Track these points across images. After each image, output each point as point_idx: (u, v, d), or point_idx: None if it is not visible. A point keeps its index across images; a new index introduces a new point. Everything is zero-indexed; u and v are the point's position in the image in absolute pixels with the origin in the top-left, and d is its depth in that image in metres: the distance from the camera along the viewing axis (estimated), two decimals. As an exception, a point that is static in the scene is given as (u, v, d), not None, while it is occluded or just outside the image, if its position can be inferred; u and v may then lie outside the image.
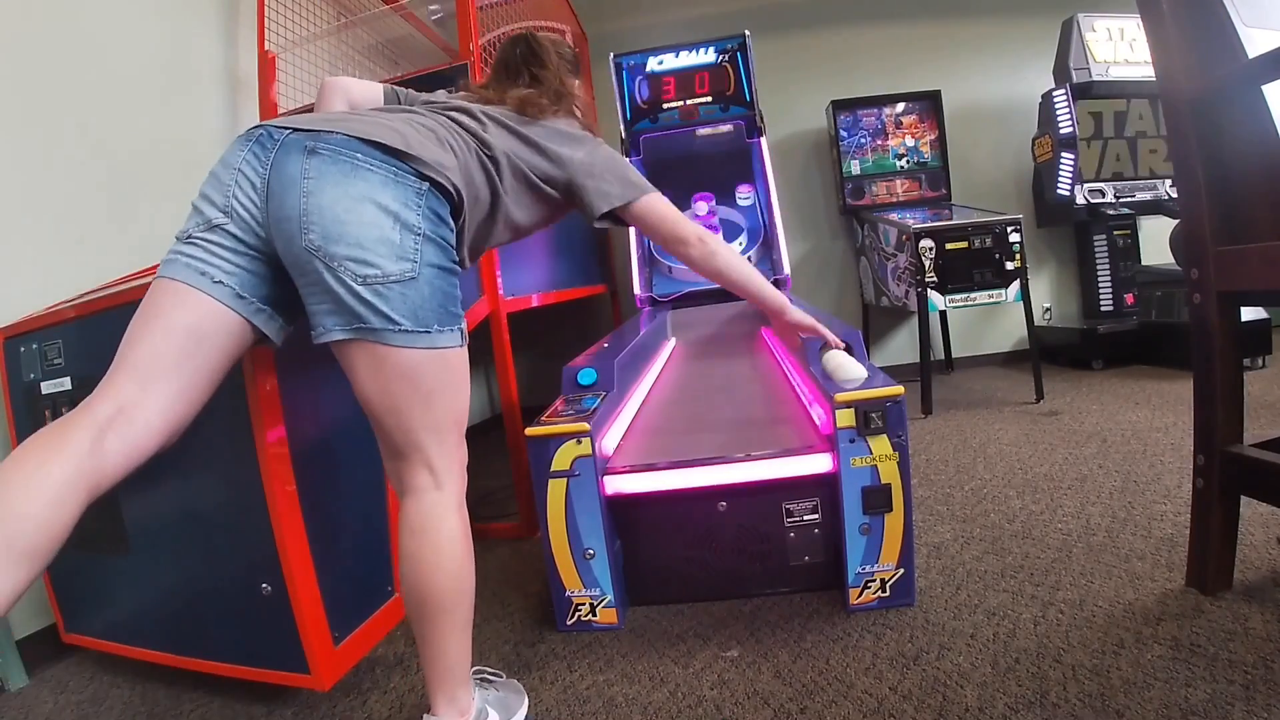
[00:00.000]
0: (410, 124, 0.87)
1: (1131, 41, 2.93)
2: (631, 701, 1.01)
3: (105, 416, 0.73)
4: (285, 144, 0.79)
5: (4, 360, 1.27)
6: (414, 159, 0.81)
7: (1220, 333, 1.04)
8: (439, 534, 0.84)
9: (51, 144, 1.53)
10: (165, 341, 0.77)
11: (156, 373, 0.76)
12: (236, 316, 0.81)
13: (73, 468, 0.69)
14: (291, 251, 0.77)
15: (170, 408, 0.77)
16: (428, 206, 0.81)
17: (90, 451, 0.70)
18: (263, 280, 0.82)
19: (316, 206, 0.76)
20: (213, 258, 0.79)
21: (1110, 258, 3.14)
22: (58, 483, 0.67)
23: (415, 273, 0.79)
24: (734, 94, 2.92)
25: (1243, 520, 1.10)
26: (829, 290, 3.54)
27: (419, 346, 0.80)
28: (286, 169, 0.78)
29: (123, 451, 0.73)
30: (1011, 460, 1.90)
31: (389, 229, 0.78)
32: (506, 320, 1.78)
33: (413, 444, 0.84)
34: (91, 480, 0.70)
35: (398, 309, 0.78)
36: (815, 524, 1.24)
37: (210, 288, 0.79)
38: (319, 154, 0.78)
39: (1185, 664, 0.91)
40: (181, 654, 1.13)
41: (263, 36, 2.13)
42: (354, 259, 0.76)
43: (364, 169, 0.78)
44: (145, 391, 0.75)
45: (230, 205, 0.79)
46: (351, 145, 0.79)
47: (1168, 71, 1.05)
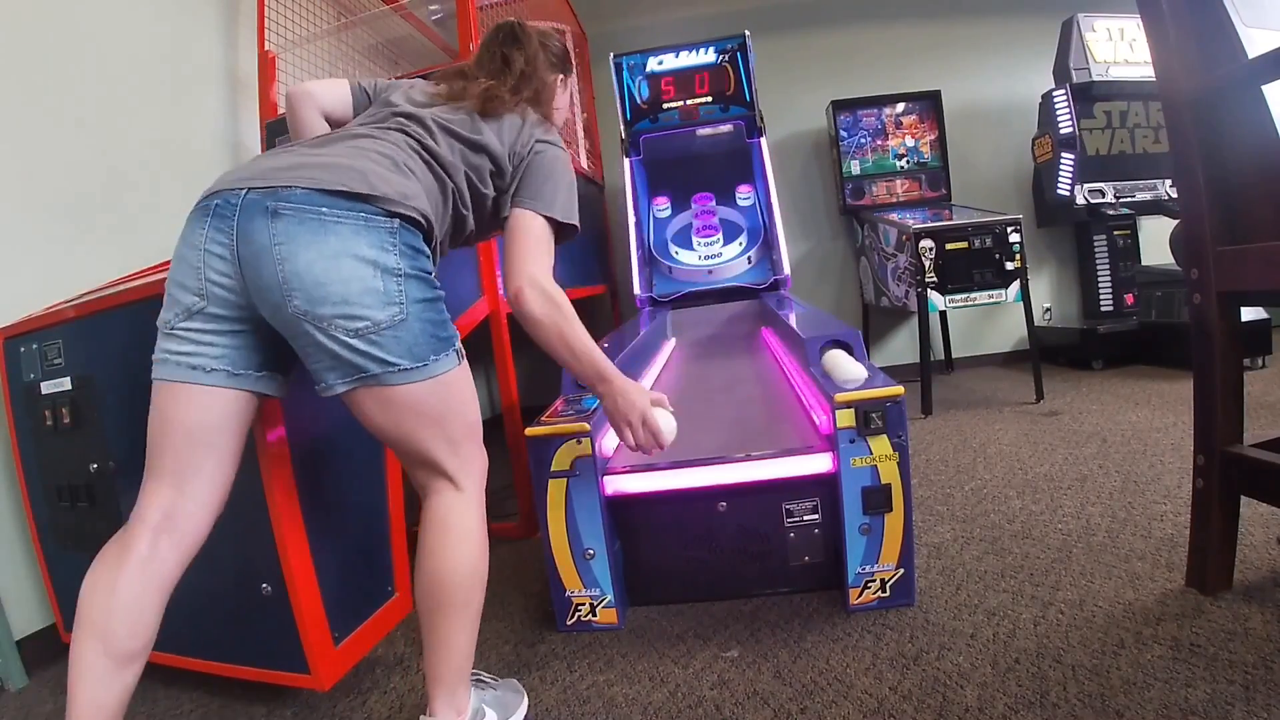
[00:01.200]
0: (366, 155, 0.85)
1: (1131, 41, 2.93)
2: (631, 701, 1.01)
3: (154, 523, 0.79)
4: (245, 208, 0.76)
5: (4, 360, 1.27)
6: (380, 199, 0.79)
7: (1220, 333, 1.04)
8: (459, 529, 0.87)
9: (51, 144, 1.53)
10: (184, 443, 0.80)
11: (187, 472, 0.80)
12: (237, 393, 0.82)
13: (140, 574, 0.76)
14: (280, 319, 0.78)
15: (209, 494, 0.82)
16: (403, 244, 0.81)
17: (151, 556, 0.77)
18: (253, 350, 0.82)
19: (294, 272, 0.74)
20: (199, 347, 0.79)
21: (1110, 258, 3.14)
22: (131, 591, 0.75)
23: (404, 314, 0.79)
24: (734, 94, 2.92)
25: (1243, 520, 1.10)
26: (829, 290, 3.54)
27: (419, 380, 0.82)
28: (254, 238, 0.75)
29: (178, 547, 0.80)
30: (1011, 460, 1.90)
31: (371, 279, 0.77)
32: (506, 320, 1.78)
33: (431, 459, 0.87)
34: (159, 581, 0.78)
35: (393, 352, 0.79)
36: (815, 524, 1.24)
37: (204, 379, 0.79)
38: (283, 215, 0.75)
39: (1185, 664, 0.91)
40: (181, 654, 1.13)
41: (263, 36, 2.13)
42: (342, 315, 0.76)
43: (332, 223, 0.76)
44: (183, 493, 0.80)
45: (204, 289, 0.78)
46: (312, 200, 0.76)
47: (1168, 71, 1.05)
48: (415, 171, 0.88)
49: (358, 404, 0.82)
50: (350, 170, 0.80)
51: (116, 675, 0.73)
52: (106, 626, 0.73)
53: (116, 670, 0.73)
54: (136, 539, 0.77)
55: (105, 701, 0.73)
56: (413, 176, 0.87)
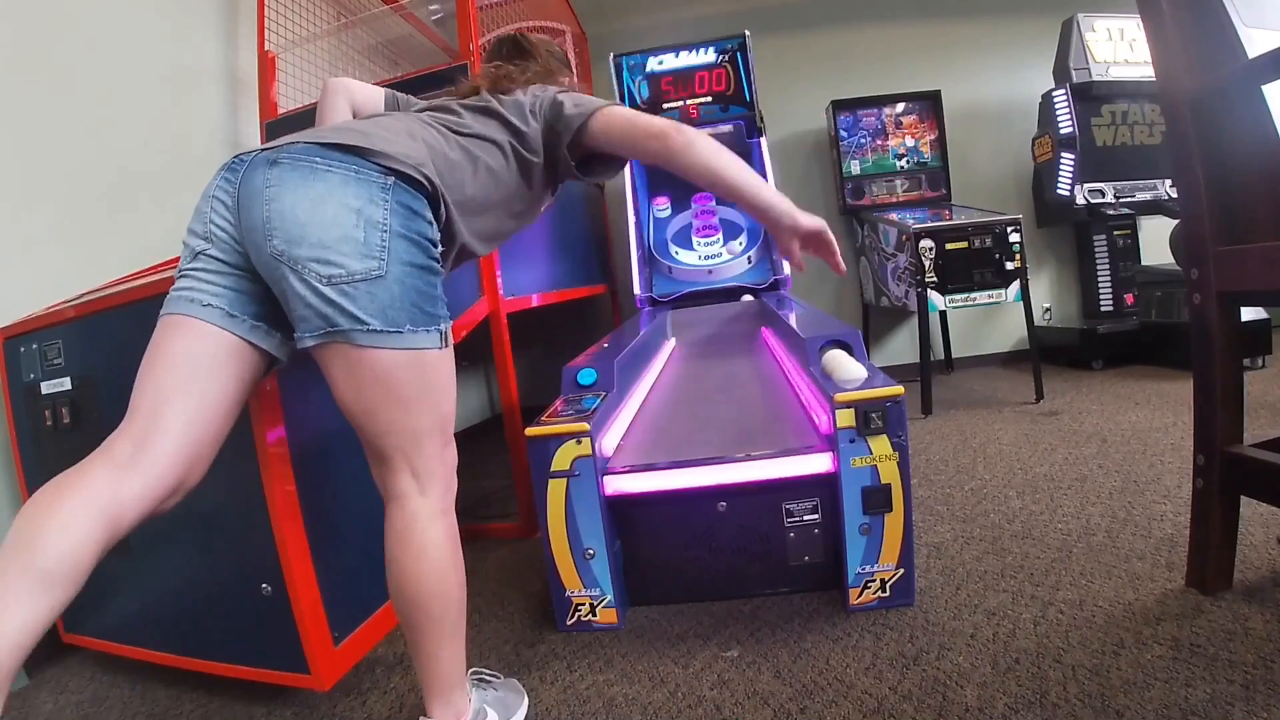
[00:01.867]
0: (379, 125, 0.86)
1: (1131, 41, 2.93)
2: (631, 701, 1.01)
3: (122, 454, 0.73)
4: (253, 162, 0.80)
5: (4, 360, 1.27)
6: (376, 154, 0.80)
7: (1220, 333, 1.04)
8: (423, 541, 0.82)
9: (52, 143, 1.53)
10: (167, 372, 0.78)
11: (165, 403, 0.76)
12: (231, 335, 0.81)
13: (92, 505, 0.69)
14: (262, 261, 0.78)
15: (184, 434, 0.76)
16: (395, 201, 0.79)
17: (108, 487, 0.71)
18: (252, 298, 0.82)
19: (278, 211, 0.75)
20: (200, 284, 0.80)
21: (1110, 258, 3.14)
22: (76, 519, 0.67)
23: (382, 270, 0.77)
24: (734, 94, 2.92)
25: (1243, 520, 1.10)
26: (829, 290, 3.54)
27: (390, 347, 0.78)
28: (252, 183, 0.78)
29: (142, 485, 0.73)
30: (1011, 460, 1.90)
31: (351, 227, 0.76)
32: (506, 320, 1.79)
33: (393, 449, 0.82)
34: (111, 516, 0.70)
35: (364, 308, 0.76)
36: (815, 524, 1.24)
37: (200, 311, 0.79)
38: (280, 164, 0.78)
39: (1185, 664, 0.91)
40: (181, 654, 1.13)
41: (263, 36, 2.13)
42: (317, 259, 0.75)
43: (322, 170, 0.78)
44: (157, 423, 0.75)
45: (209, 231, 0.81)
46: (311, 151, 0.79)
47: (1168, 71, 1.05)
48: (426, 140, 0.88)
49: (327, 366, 0.80)
50: (354, 132, 0.82)
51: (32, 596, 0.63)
52: (36, 542, 0.65)
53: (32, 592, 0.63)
54: (94, 469, 0.71)
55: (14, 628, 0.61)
56: (420, 141, 0.87)
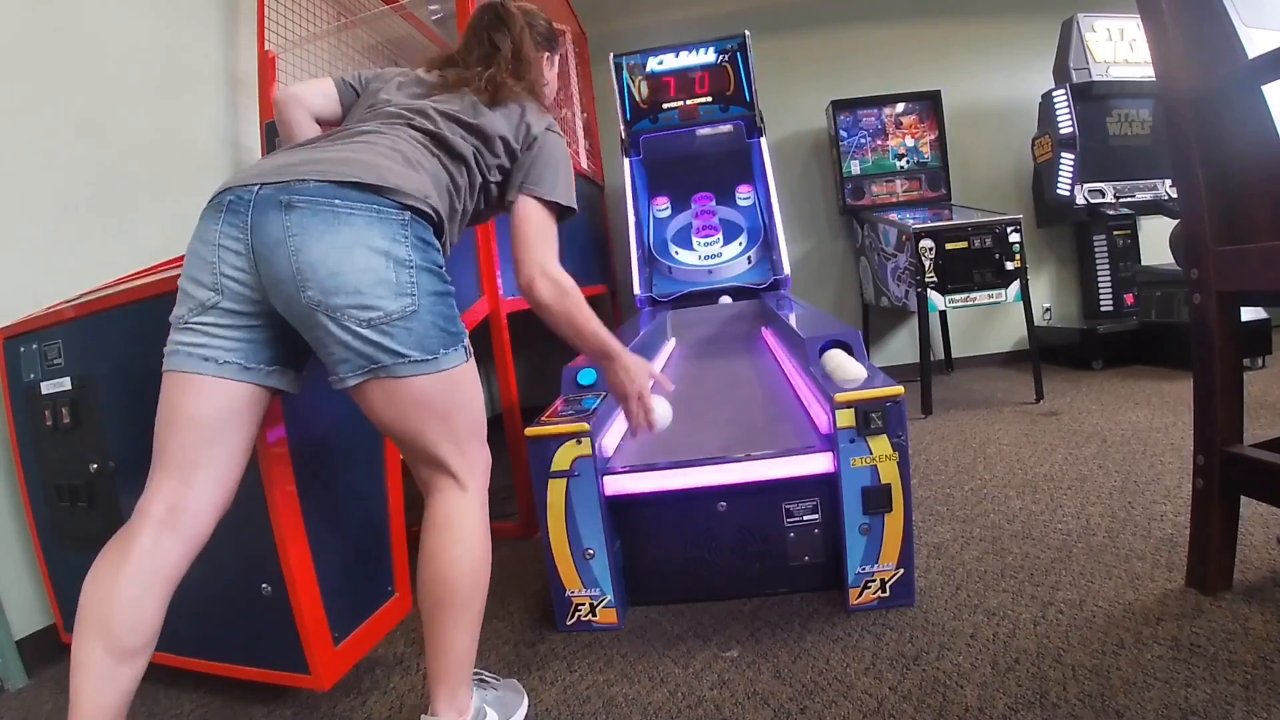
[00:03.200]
0: (376, 149, 0.85)
1: (1131, 41, 2.93)
2: (631, 701, 1.01)
3: (158, 517, 0.78)
4: (259, 203, 0.77)
5: (4, 360, 1.27)
6: (391, 191, 0.80)
7: (1220, 333, 1.04)
8: (462, 529, 0.86)
9: (52, 143, 1.53)
10: (191, 436, 0.80)
11: (193, 465, 0.80)
12: (248, 386, 0.82)
13: (148, 573, 0.76)
14: (293, 311, 0.78)
15: (215, 489, 0.81)
16: (414, 236, 0.81)
17: (154, 550, 0.77)
18: (265, 344, 0.83)
19: (308, 263, 0.75)
20: (212, 339, 0.80)
21: (1110, 258, 3.14)
22: (133, 586, 0.75)
23: (415, 305, 0.80)
24: (734, 94, 2.92)
25: (1243, 520, 1.10)
26: (829, 290, 3.54)
27: (428, 373, 0.82)
28: (268, 230, 0.76)
29: (182, 543, 0.79)
30: (1011, 460, 1.90)
31: (384, 269, 0.78)
32: (506, 320, 1.78)
33: (436, 456, 0.86)
34: (164, 576, 0.77)
35: (404, 342, 0.79)
36: (815, 524, 1.24)
37: (216, 370, 0.80)
38: (296, 208, 0.76)
39: (1185, 664, 0.91)
40: (181, 654, 1.13)
41: (263, 36, 2.13)
42: (356, 305, 0.76)
43: (345, 214, 0.77)
44: (188, 485, 0.79)
45: (219, 283, 0.79)
46: (326, 192, 0.78)
47: (1168, 71, 1.05)
48: (425, 166, 0.89)
49: (367, 398, 0.82)
50: (361, 164, 0.81)
51: (118, 672, 0.73)
52: (108, 623, 0.73)
53: (118, 667, 0.73)
54: (139, 534, 0.77)
55: (108, 700, 0.72)
56: (423, 170, 0.88)
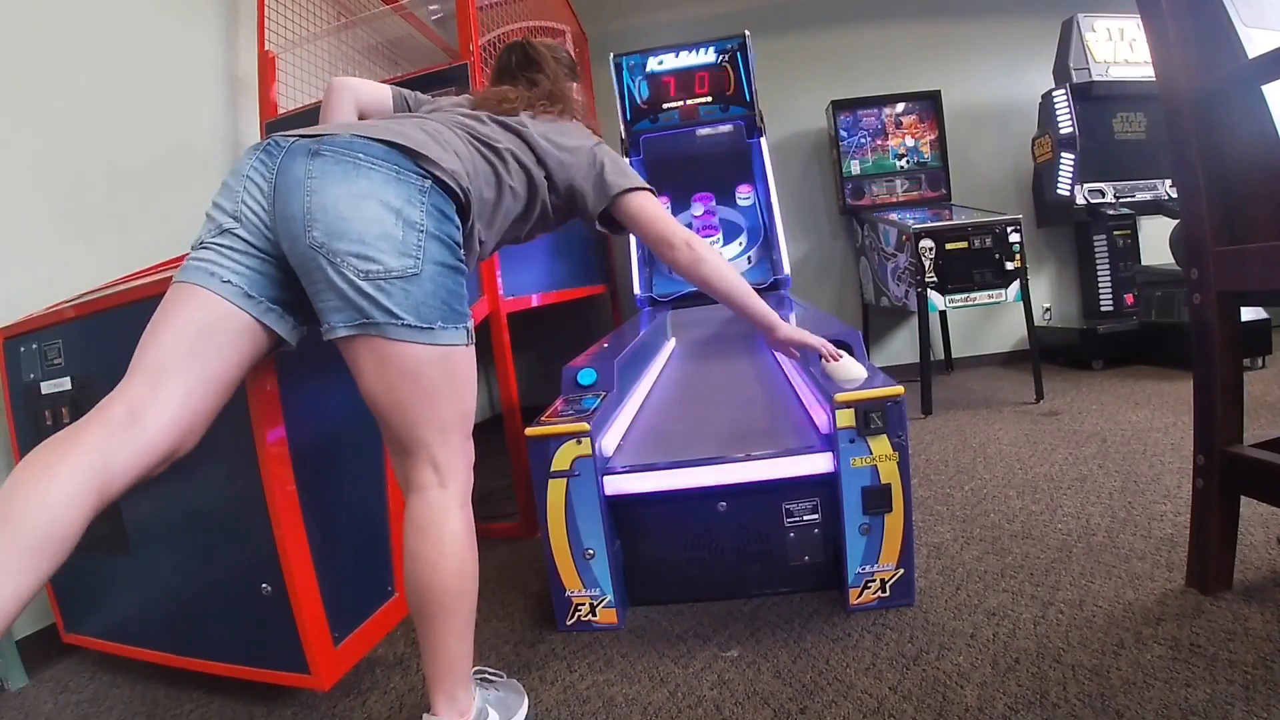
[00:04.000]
0: (416, 127, 0.88)
1: (1131, 41, 2.93)
2: (631, 701, 1.01)
3: (117, 418, 0.72)
4: (291, 150, 0.81)
5: (4, 360, 1.27)
6: (417, 155, 0.83)
7: (1220, 333, 1.04)
8: (442, 532, 0.84)
9: (51, 143, 1.53)
10: (174, 339, 0.78)
11: (167, 370, 0.76)
12: (245, 315, 0.81)
13: (83, 468, 0.67)
14: (296, 250, 0.79)
15: (182, 404, 0.76)
16: (431, 204, 0.82)
17: (100, 451, 0.69)
18: (272, 282, 0.83)
19: (320, 205, 0.77)
20: (223, 259, 0.81)
21: (1110, 258, 3.14)
22: (66, 483, 0.66)
23: (418, 269, 0.80)
24: (734, 94, 2.92)
25: (1243, 520, 1.10)
26: (829, 290, 3.54)
27: (422, 342, 0.81)
28: (292, 171, 0.80)
29: (134, 452, 0.71)
30: (1011, 460, 1.90)
31: (391, 225, 0.79)
32: (506, 320, 1.78)
33: (418, 441, 0.84)
34: (101, 480, 0.68)
35: (400, 304, 0.79)
36: (815, 524, 1.23)
37: (219, 287, 0.80)
38: (322, 155, 0.80)
39: (1185, 664, 0.91)
40: (181, 654, 1.13)
41: (263, 36, 2.13)
42: (356, 254, 0.77)
43: (365, 167, 0.80)
44: (156, 390, 0.75)
45: (239, 210, 0.81)
46: (354, 145, 0.80)
47: (1168, 71, 1.05)
48: (460, 153, 0.90)
49: (355, 358, 0.81)
50: (395, 131, 0.84)
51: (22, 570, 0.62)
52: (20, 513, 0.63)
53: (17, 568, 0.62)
54: (89, 431, 0.70)
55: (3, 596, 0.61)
56: (455, 155, 0.88)
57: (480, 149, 0.95)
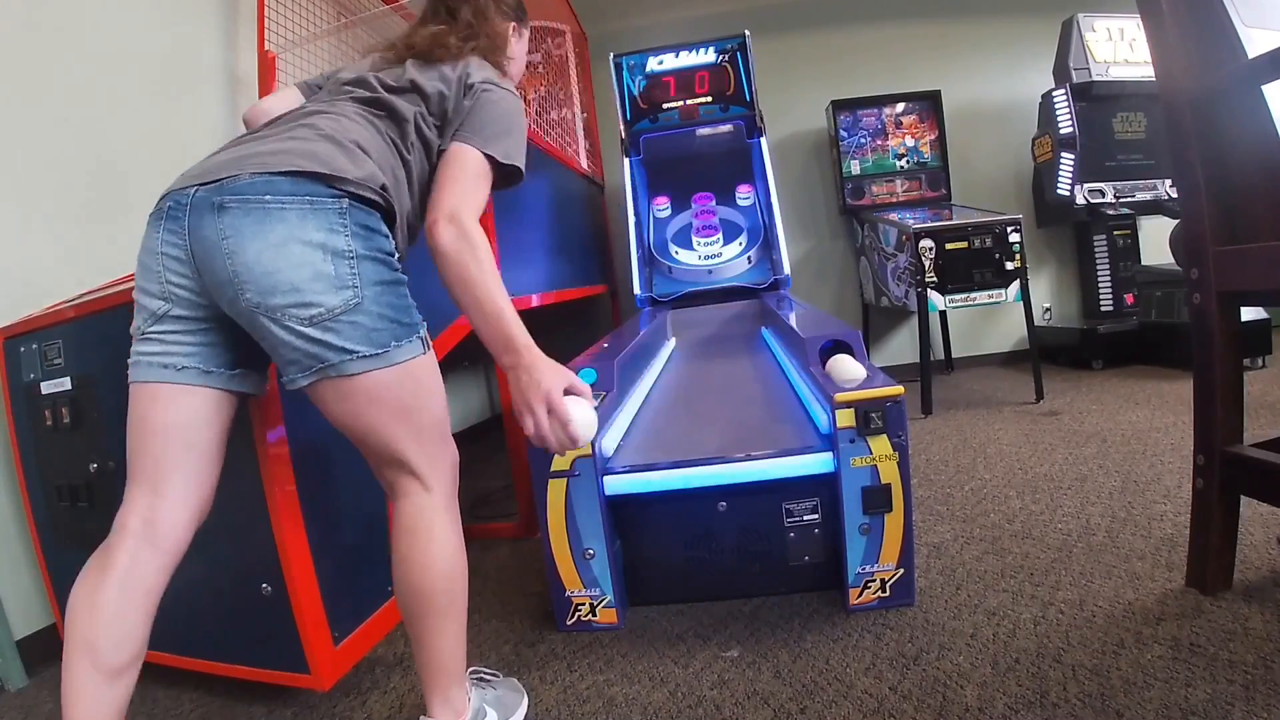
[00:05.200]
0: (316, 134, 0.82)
1: (1131, 41, 2.93)
2: (631, 701, 1.01)
3: (135, 531, 0.78)
4: (194, 207, 0.76)
5: (4, 360, 1.27)
6: (328, 177, 0.77)
7: (1220, 333, 1.04)
8: (429, 535, 0.84)
9: (51, 143, 1.53)
10: (159, 445, 0.79)
11: (163, 475, 0.79)
12: (211, 391, 0.81)
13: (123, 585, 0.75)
14: (236, 312, 0.77)
15: (188, 498, 0.81)
16: (354, 224, 0.78)
17: (132, 566, 0.76)
18: (223, 348, 0.82)
19: (244, 264, 0.73)
20: (169, 347, 0.79)
21: (1110, 258, 3.14)
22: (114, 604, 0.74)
23: (358, 298, 0.77)
24: (734, 94, 2.92)
25: (1243, 520, 1.10)
26: (829, 290, 3.54)
27: (379, 368, 0.79)
28: (204, 234, 0.75)
29: (160, 555, 0.79)
30: (1011, 460, 1.90)
31: (320, 263, 0.75)
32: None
33: (395, 455, 0.83)
34: (143, 589, 0.77)
35: (350, 339, 0.76)
36: (815, 524, 1.23)
37: (175, 376, 0.79)
38: (229, 209, 0.74)
39: (1185, 664, 0.91)
40: (181, 654, 1.13)
41: (262, 36, 2.13)
42: (295, 304, 0.74)
43: (276, 210, 0.75)
44: (160, 495, 0.79)
45: (167, 291, 0.78)
46: (257, 188, 0.75)
47: (1168, 71, 1.05)
48: (370, 146, 0.85)
49: (320, 399, 0.80)
50: (294, 153, 0.78)
51: (108, 688, 0.73)
52: (94, 642, 0.72)
53: (108, 684, 0.73)
54: (117, 550, 0.77)
55: (100, 716, 0.72)
56: (366, 153, 0.83)
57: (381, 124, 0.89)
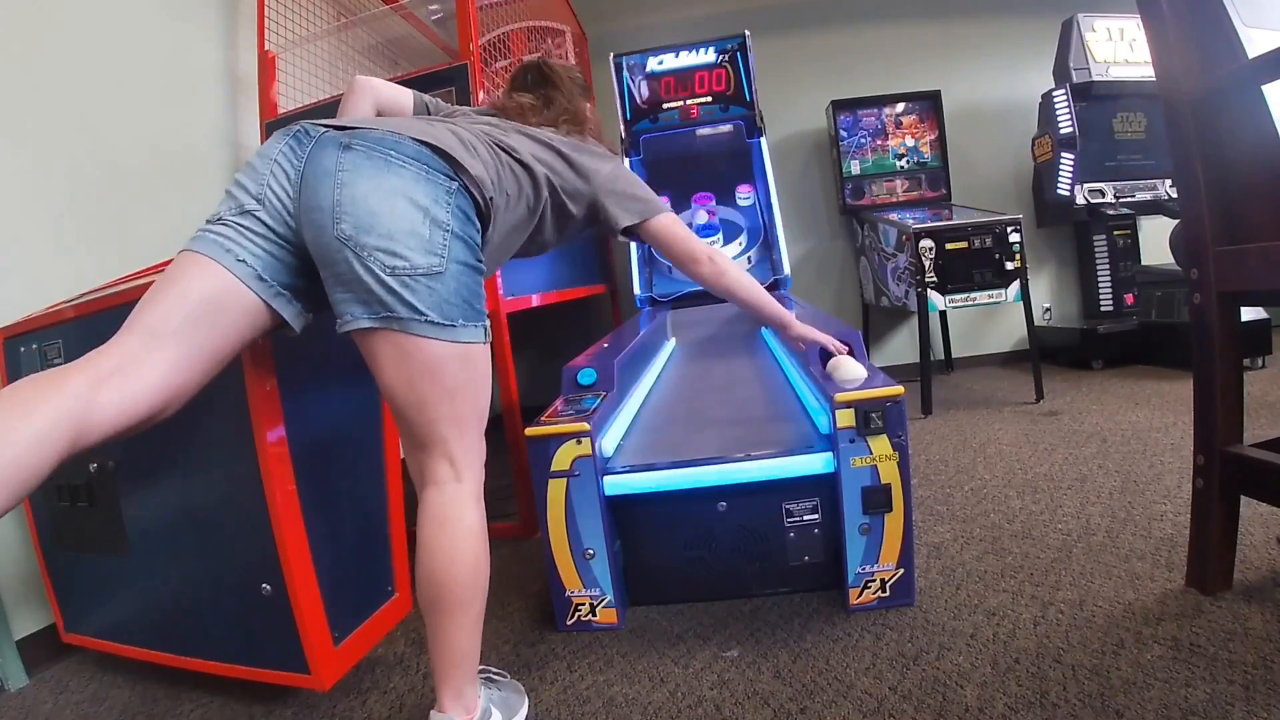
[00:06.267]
0: (445, 130, 0.89)
1: (1131, 41, 2.93)
2: (631, 701, 1.01)
3: (106, 369, 0.71)
4: (321, 140, 0.82)
5: (4, 360, 1.27)
6: (446, 157, 0.84)
7: (1220, 333, 1.04)
8: (458, 525, 0.85)
9: (51, 143, 1.53)
10: (178, 306, 0.76)
11: (164, 334, 0.75)
12: (255, 297, 0.81)
13: (62, 411, 0.66)
14: (321, 241, 0.79)
15: (172, 371, 0.75)
16: (457, 205, 0.84)
17: (83, 398, 0.67)
18: (287, 268, 0.84)
19: (350, 197, 0.78)
20: (241, 238, 0.81)
21: (1110, 258, 3.14)
22: (42, 423, 0.64)
23: (442, 267, 0.81)
24: (734, 94, 2.92)
25: (1243, 520, 1.10)
26: (829, 290, 3.54)
27: (444, 339, 0.82)
28: (322, 162, 0.80)
29: (115, 405, 0.70)
30: (1011, 460, 1.90)
31: (419, 223, 0.79)
32: (506, 320, 1.78)
33: (435, 436, 0.85)
34: (78, 427, 0.67)
35: (424, 300, 0.80)
36: (815, 524, 1.23)
37: (233, 265, 0.80)
38: (354, 149, 0.80)
39: (1185, 664, 0.91)
40: (181, 654, 1.13)
41: (263, 36, 2.13)
42: (384, 249, 0.77)
43: (397, 164, 0.81)
44: (149, 350, 0.74)
45: (264, 194, 0.81)
46: (386, 142, 0.81)
47: (1168, 71, 1.05)
48: (484, 158, 0.90)
49: (375, 352, 0.82)
50: (425, 131, 0.85)
51: None
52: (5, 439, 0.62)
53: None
54: (76, 376, 0.68)
55: None
56: (479, 160, 0.89)
57: (503, 157, 0.95)
